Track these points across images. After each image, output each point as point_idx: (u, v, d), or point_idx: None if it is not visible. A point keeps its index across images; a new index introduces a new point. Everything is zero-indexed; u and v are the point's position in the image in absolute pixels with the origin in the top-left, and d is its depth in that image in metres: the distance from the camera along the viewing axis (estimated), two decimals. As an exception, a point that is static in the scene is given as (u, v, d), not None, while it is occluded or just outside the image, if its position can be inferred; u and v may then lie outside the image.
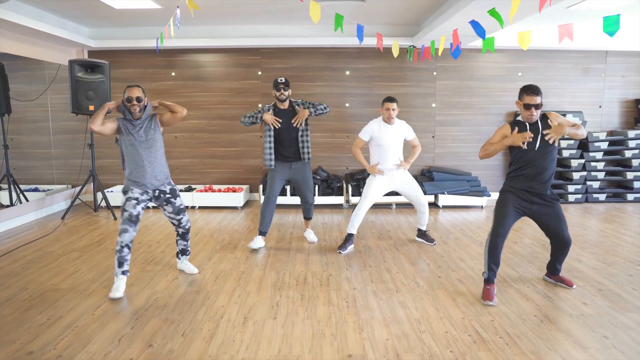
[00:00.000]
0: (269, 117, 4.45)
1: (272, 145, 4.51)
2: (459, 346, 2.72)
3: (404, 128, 4.65)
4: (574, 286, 3.60)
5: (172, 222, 3.85)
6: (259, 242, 4.66)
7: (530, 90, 3.26)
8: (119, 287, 3.47)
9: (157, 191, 3.67)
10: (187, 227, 3.89)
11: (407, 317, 3.10)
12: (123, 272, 3.52)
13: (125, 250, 3.49)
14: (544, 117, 3.38)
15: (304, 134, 4.57)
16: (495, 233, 3.36)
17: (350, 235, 4.66)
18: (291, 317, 3.10)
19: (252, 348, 2.70)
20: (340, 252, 4.56)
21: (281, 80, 4.50)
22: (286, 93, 4.49)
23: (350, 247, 4.67)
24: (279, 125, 4.47)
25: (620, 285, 3.64)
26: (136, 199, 3.56)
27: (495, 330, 2.91)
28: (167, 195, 3.71)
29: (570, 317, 3.08)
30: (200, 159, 7.20)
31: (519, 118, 3.43)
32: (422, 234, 4.92)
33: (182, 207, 3.80)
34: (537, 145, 3.30)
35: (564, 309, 3.21)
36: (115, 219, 5.93)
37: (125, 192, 3.60)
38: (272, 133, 4.49)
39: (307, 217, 4.98)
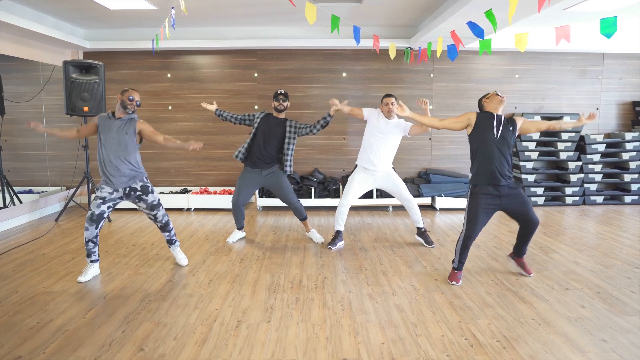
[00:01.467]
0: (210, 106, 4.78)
1: (249, 143, 4.68)
2: (456, 350, 2.68)
3: (401, 125, 4.58)
4: (532, 274, 3.89)
5: (149, 217, 3.97)
6: (237, 235, 4.97)
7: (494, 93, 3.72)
8: (87, 272, 3.77)
9: (127, 189, 3.77)
10: (163, 220, 3.97)
11: (403, 321, 3.05)
12: (91, 261, 3.81)
13: (90, 244, 3.74)
14: (512, 119, 3.71)
15: (290, 145, 4.68)
16: (467, 236, 3.65)
17: (338, 232, 4.72)
18: (285, 321, 3.06)
19: (245, 352, 2.65)
20: (330, 248, 4.65)
21: (281, 91, 4.67)
22: (285, 104, 4.65)
23: (340, 244, 4.73)
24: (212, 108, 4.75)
25: (618, 288, 3.61)
26: (103, 198, 3.69)
27: (492, 333, 2.87)
28: (138, 192, 3.80)
29: (568, 320, 3.05)
30: (195, 161, 7.15)
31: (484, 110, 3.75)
32: (421, 232, 4.84)
33: (155, 202, 3.87)
34: (498, 135, 3.58)
35: (562, 312, 3.17)
36: (110, 221, 5.87)
37: (97, 189, 3.76)
38: (255, 133, 4.65)
39: (302, 218, 4.93)
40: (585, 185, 6.94)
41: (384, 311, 3.20)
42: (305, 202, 6.54)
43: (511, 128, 3.62)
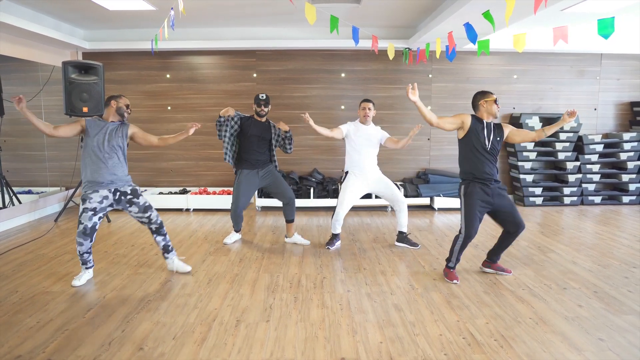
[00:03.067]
0: (227, 109, 4.66)
1: (238, 147, 4.78)
2: (454, 349, 2.69)
3: (379, 131, 4.73)
4: (511, 272, 3.93)
5: (141, 222, 3.83)
6: (234, 236, 4.98)
7: (488, 92, 3.80)
8: (82, 276, 3.71)
9: (117, 193, 3.68)
10: (158, 221, 3.85)
11: (401, 320, 3.07)
12: (87, 268, 3.76)
13: (85, 255, 3.69)
14: (500, 126, 3.82)
15: (276, 145, 4.84)
16: (467, 236, 3.69)
17: (335, 235, 4.78)
18: (284, 320, 3.07)
19: (244, 351, 2.66)
20: (328, 248, 4.70)
21: (262, 97, 4.70)
22: (266, 109, 4.72)
23: (338, 243, 4.79)
24: (231, 115, 4.66)
25: (615, 288, 3.63)
26: (93, 209, 3.57)
27: (489, 332, 2.89)
28: (129, 196, 3.73)
29: (566, 320, 3.06)
30: (194, 162, 7.16)
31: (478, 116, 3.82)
32: (402, 237, 4.78)
33: (147, 204, 3.79)
34: (489, 146, 3.69)
35: (559, 311, 3.19)
36: (109, 221, 5.88)
37: (83, 200, 3.59)
38: (246, 137, 4.70)
39: (291, 219, 4.88)
40: (583, 185, 6.96)
41: (383, 310, 3.22)
42: (304, 202, 6.56)
43: (498, 139, 3.74)
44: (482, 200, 3.66)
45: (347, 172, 4.74)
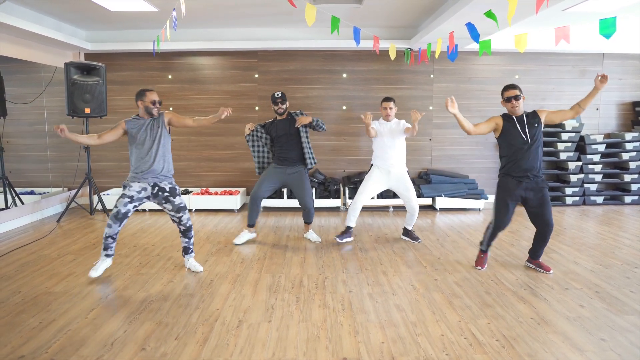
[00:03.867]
0: (246, 127, 4.81)
1: (269, 153, 4.92)
2: (455, 349, 2.69)
3: (400, 124, 4.81)
4: (551, 271, 3.96)
5: (173, 220, 3.96)
6: (245, 236, 4.95)
7: (508, 86, 3.81)
8: (99, 267, 3.82)
9: (156, 188, 3.81)
10: (187, 224, 3.95)
11: (403, 320, 3.07)
12: (107, 255, 3.85)
13: (110, 239, 3.80)
14: (535, 113, 3.82)
15: (306, 138, 4.81)
16: (497, 226, 3.89)
17: (349, 228, 4.92)
18: (286, 320, 3.07)
19: (246, 351, 2.67)
20: (337, 240, 4.90)
21: (278, 95, 4.72)
22: (283, 107, 4.72)
23: (348, 238, 4.94)
24: (253, 130, 4.81)
25: (617, 288, 3.62)
26: (131, 197, 3.73)
27: (491, 333, 2.89)
28: (166, 194, 3.83)
29: (567, 320, 3.06)
30: (196, 162, 7.17)
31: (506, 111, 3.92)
32: (407, 232, 5.05)
33: (182, 205, 3.89)
34: (529, 139, 3.73)
35: (561, 312, 3.19)
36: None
37: (124, 186, 3.79)
38: (273, 143, 4.84)
39: (308, 222, 5.07)
40: (585, 185, 6.95)
41: (384, 311, 3.22)
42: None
43: (536, 125, 3.75)
44: (513, 192, 3.77)
45: (372, 165, 4.90)
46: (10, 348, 2.70)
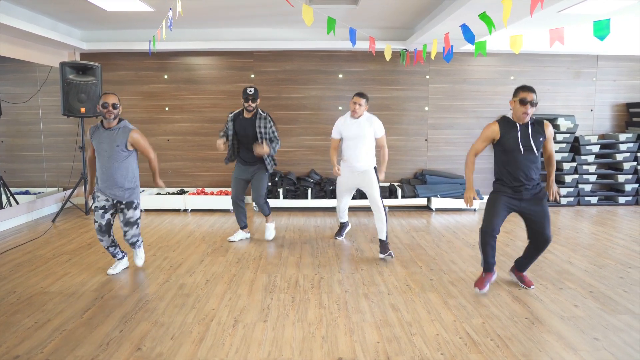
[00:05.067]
0: (219, 143, 4.62)
1: (234, 147, 4.80)
2: (450, 348, 2.71)
3: (373, 123, 4.48)
4: (532, 287, 3.66)
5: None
6: (240, 234, 5.06)
7: (526, 87, 3.32)
8: (117, 266, 3.99)
9: (115, 199, 3.78)
10: (130, 241, 3.90)
11: (398, 320, 3.09)
12: (118, 258, 4.00)
13: (110, 249, 3.88)
14: (539, 122, 3.42)
15: (272, 137, 4.71)
16: (483, 231, 3.46)
17: (343, 224, 5.16)
18: (282, 320, 3.08)
19: (241, 351, 2.68)
20: (336, 238, 5.11)
21: (250, 91, 4.57)
22: (253, 105, 4.60)
23: (346, 230, 5.23)
24: (222, 148, 4.67)
25: (611, 288, 3.65)
26: (102, 207, 3.74)
27: (486, 332, 2.91)
28: (122, 206, 3.79)
29: (561, 319, 3.09)
30: (192, 162, 7.17)
31: (509, 116, 3.47)
32: (383, 245, 4.41)
33: (131, 220, 3.80)
34: (523, 150, 3.36)
35: (555, 311, 3.21)
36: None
37: (93, 198, 3.83)
38: (233, 136, 4.73)
39: (266, 214, 5.08)
40: (580, 186, 6.99)
41: (380, 311, 3.24)
42: (302, 202, 6.57)
43: (541, 139, 3.37)
44: (507, 201, 3.43)
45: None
46: (5, 348, 2.69)
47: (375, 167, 4.55)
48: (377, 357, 2.61)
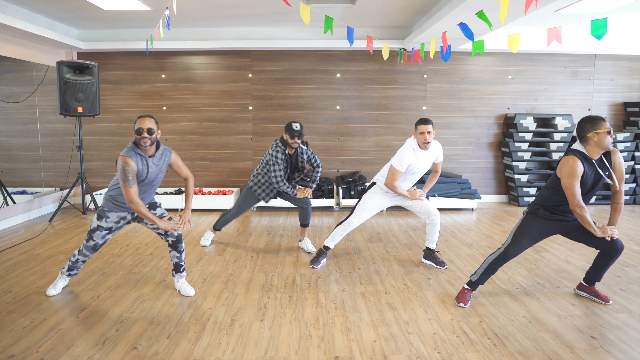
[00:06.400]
0: (301, 193, 4.46)
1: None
2: (447, 347, 2.70)
3: (438, 151, 4.04)
4: (611, 302, 3.32)
5: (158, 234, 3.43)
6: (209, 235, 4.86)
7: (602, 119, 2.99)
8: (58, 284, 3.48)
9: (136, 213, 3.33)
10: (176, 233, 3.40)
11: (395, 319, 3.08)
12: (69, 274, 3.49)
13: (80, 263, 3.43)
14: (608, 154, 3.12)
15: (315, 164, 4.65)
16: (503, 255, 3.21)
17: (327, 249, 4.24)
18: (278, 319, 3.08)
19: (238, 350, 2.67)
20: (313, 267, 4.13)
21: (296, 127, 4.21)
22: (299, 141, 4.26)
23: (323, 262, 4.21)
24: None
25: (608, 286, 3.65)
26: (109, 228, 3.32)
27: (483, 331, 2.90)
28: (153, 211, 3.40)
29: (558, 318, 3.08)
30: (190, 162, 7.15)
31: (581, 149, 3.07)
32: (429, 254, 4.21)
33: (164, 215, 3.40)
34: (592, 183, 3.10)
35: (552, 310, 3.21)
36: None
37: (100, 217, 3.30)
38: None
39: (305, 224, 4.65)
40: (578, 185, 6.99)
41: (377, 309, 3.23)
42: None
43: (607, 173, 3.10)
44: (547, 227, 3.22)
45: (374, 183, 4.13)
46: (1, 347, 2.68)
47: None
48: (374, 355, 2.61)
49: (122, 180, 3.07)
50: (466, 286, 3.36)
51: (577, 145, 3.10)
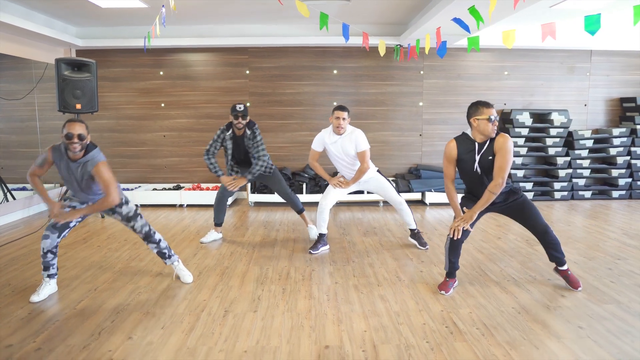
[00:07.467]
0: (226, 180, 4.56)
1: (231, 163, 4.73)
2: (436, 337, 2.75)
3: (353, 139, 4.28)
4: (580, 289, 3.44)
5: (129, 229, 3.54)
6: (212, 235, 4.84)
7: (487, 104, 3.25)
8: (41, 291, 3.30)
9: None
10: (143, 231, 3.49)
11: (386, 310, 3.13)
12: (49, 276, 3.36)
13: (49, 255, 3.31)
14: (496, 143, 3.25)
15: (255, 156, 4.58)
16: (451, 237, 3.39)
17: (321, 236, 4.48)
18: (271, 310, 3.13)
19: (230, 340, 2.72)
20: (311, 253, 4.37)
21: (240, 108, 4.38)
22: (243, 122, 4.44)
23: (323, 248, 4.45)
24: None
25: (598, 278, 3.69)
26: (73, 207, 3.39)
27: (472, 321, 2.95)
28: (110, 211, 3.46)
29: (547, 309, 3.13)
30: (188, 158, 7.21)
31: (468, 132, 3.39)
32: (413, 234, 4.61)
33: (130, 214, 3.45)
34: (477, 168, 3.28)
35: (542, 301, 3.25)
36: (102, 217, 5.92)
37: (66, 199, 3.51)
38: (230, 154, 4.65)
39: (299, 210, 4.94)
40: (574, 180, 7.03)
41: (369, 301, 3.28)
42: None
43: (490, 157, 3.24)
44: (470, 206, 3.38)
45: (337, 172, 4.58)
46: (-1, 338, 2.74)
47: (378, 170, 4.54)
48: (364, 345, 2.66)
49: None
50: (446, 276, 3.53)
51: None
